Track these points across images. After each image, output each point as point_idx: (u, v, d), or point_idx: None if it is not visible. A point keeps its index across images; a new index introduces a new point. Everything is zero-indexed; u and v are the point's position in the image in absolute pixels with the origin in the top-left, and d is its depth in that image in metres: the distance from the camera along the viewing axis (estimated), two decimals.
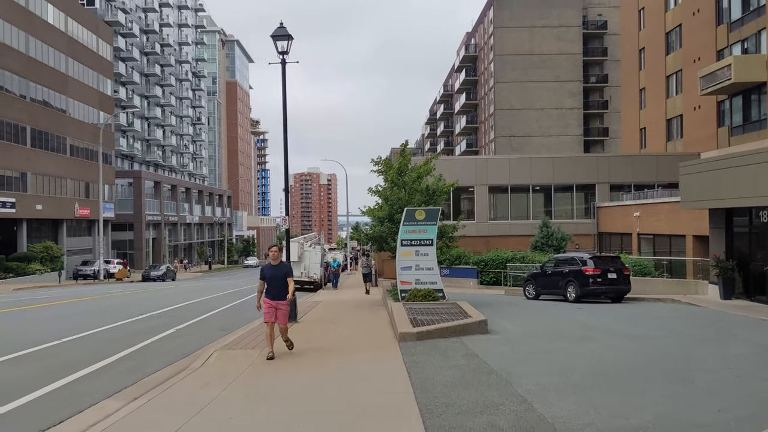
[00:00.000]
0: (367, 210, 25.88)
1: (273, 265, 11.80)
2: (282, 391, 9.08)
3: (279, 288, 11.66)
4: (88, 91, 62.75)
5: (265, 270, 11.81)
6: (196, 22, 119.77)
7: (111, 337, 15.65)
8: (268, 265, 11.87)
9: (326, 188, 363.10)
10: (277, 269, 11.73)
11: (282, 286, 11.67)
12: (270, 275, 11.71)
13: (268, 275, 11.71)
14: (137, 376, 10.80)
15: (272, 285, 11.67)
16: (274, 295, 11.67)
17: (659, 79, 48.19)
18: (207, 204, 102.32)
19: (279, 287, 11.65)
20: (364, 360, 11.29)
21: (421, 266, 19.85)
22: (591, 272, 23.85)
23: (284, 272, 11.74)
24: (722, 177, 21.93)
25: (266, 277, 11.72)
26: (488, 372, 9.63)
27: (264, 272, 11.79)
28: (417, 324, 13.85)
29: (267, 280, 11.71)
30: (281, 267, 11.81)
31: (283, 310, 11.77)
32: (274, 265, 11.80)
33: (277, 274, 11.67)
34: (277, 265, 11.78)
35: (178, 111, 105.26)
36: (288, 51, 17.38)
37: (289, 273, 11.81)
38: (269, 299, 11.68)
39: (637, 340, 13.34)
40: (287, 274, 11.76)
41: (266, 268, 11.86)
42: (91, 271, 54.27)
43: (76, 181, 59.61)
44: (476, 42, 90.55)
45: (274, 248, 12.04)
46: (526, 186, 45.22)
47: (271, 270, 11.75)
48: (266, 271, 11.79)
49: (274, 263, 11.80)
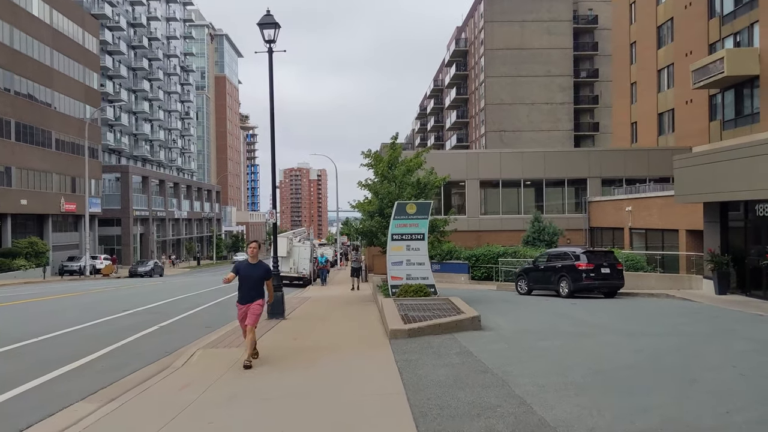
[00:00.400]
0: (357, 204, 25.42)
1: (250, 264, 10.60)
2: (267, 392, 8.62)
3: (253, 290, 10.49)
4: (73, 85, 61.87)
5: (241, 268, 10.57)
6: (185, 16, 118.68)
7: (92, 334, 15.14)
8: (245, 263, 10.65)
9: (316, 183, 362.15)
10: (253, 269, 10.54)
11: (257, 288, 10.50)
12: (245, 274, 10.50)
13: (242, 274, 10.52)
14: (116, 375, 10.32)
15: (246, 286, 10.48)
16: (246, 297, 10.49)
17: (651, 73, 47.91)
18: (195, 199, 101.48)
19: (253, 289, 10.48)
20: (354, 359, 10.83)
21: (412, 261, 19.41)
22: (584, 267, 23.49)
23: (261, 273, 10.55)
24: (718, 170, 21.59)
25: (240, 275, 10.54)
26: (483, 371, 9.19)
27: (239, 269, 10.56)
28: (408, 320, 13.41)
29: (240, 279, 10.54)
30: (259, 267, 10.60)
31: (254, 310, 10.46)
32: (251, 264, 10.61)
33: (253, 274, 10.49)
34: (254, 265, 10.59)
35: (167, 105, 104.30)
36: (275, 40, 16.87)
37: (267, 274, 10.63)
38: (241, 303, 10.54)
39: (634, 337, 12.96)
40: (265, 276, 10.60)
41: (242, 266, 10.61)
42: (77, 266, 53.55)
43: (62, 175, 58.78)
44: (466, 36, 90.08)
45: (253, 244, 10.78)
46: (518, 180, 44.88)
47: (247, 269, 10.53)
48: (242, 269, 10.56)
49: (252, 261, 10.63)
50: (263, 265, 10.70)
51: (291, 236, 41.95)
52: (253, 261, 10.64)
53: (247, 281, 10.48)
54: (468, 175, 44.01)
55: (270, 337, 13.57)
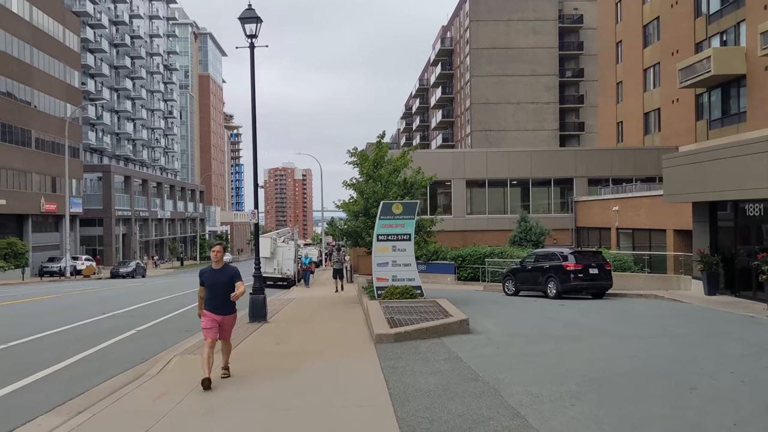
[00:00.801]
0: (342, 204, 24.97)
1: (214, 270, 9.50)
2: (246, 403, 8.14)
3: (223, 298, 9.38)
4: (54, 83, 60.92)
5: (205, 275, 9.56)
6: (168, 14, 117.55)
7: (67, 339, 14.61)
8: (209, 269, 9.58)
9: (301, 183, 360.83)
10: (218, 274, 9.45)
11: (226, 296, 9.36)
12: (211, 282, 9.45)
13: (208, 281, 9.49)
14: (87, 384, 9.82)
15: (214, 294, 9.42)
16: (217, 307, 9.42)
17: (636, 73, 47.76)
18: (179, 199, 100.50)
19: (223, 296, 9.38)
20: (338, 365, 10.37)
21: (398, 262, 18.97)
22: (572, 268, 23.18)
23: (228, 277, 9.43)
24: (707, 169, 21.32)
25: (206, 284, 9.53)
26: (474, 379, 8.77)
27: (203, 277, 9.56)
28: (394, 324, 12.98)
29: (207, 288, 9.51)
30: (225, 271, 9.49)
31: (228, 325, 9.62)
32: (215, 269, 9.50)
33: (219, 280, 9.40)
34: (219, 270, 9.48)
35: (149, 104, 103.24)
36: (257, 35, 16.37)
37: (235, 277, 9.49)
38: (210, 311, 9.41)
39: (626, 340, 12.62)
40: (233, 279, 9.46)
41: (206, 272, 9.58)
42: (57, 267, 52.66)
43: (42, 175, 57.81)
44: (452, 35, 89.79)
45: (216, 247, 9.58)
46: (504, 180, 44.59)
47: (212, 275, 9.48)
48: (206, 276, 9.54)
49: (216, 266, 9.51)
50: (229, 269, 9.58)
51: (275, 236, 41.35)
52: (218, 266, 9.52)
53: (214, 289, 9.43)
54: (454, 175, 43.65)
55: (251, 342, 13.09)
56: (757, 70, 33.19)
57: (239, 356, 11.34)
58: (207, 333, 9.35)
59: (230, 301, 9.40)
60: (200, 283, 9.58)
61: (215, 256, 9.53)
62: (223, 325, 9.49)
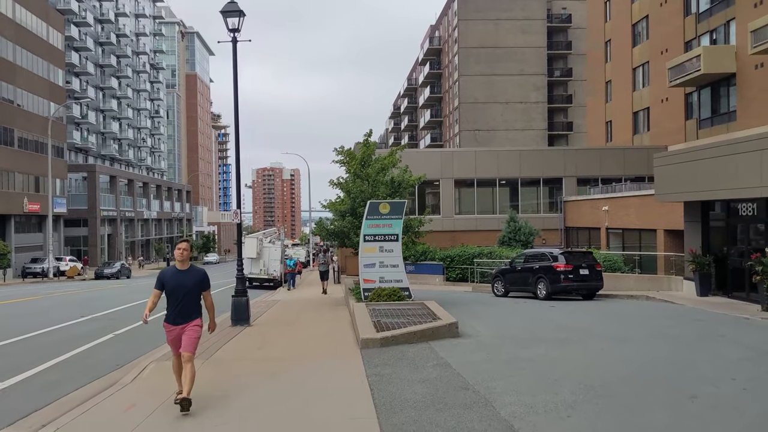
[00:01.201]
0: (329, 203, 24.52)
1: (179, 271, 7.89)
2: (222, 414, 7.65)
3: (187, 305, 7.83)
4: (37, 81, 60.02)
5: (167, 276, 7.91)
6: (154, 13, 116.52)
7: (42, 344, 14.08)
8: (172, 270, 7.96)
9: (289, 183, 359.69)
10: (184, 277, 7.84)
11: (192, 303, 7.87)
12: (174, 285, 7.80)
13: (170, 284, 7.82)
14: (56, 393, 9.30)
15: (176, 300, 7.80)
16: (180, 317, 7.83)
17: (625, 72, 47.52)
18: (165, 199, 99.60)
19: (187, 304, 7.82)
20: (322, 372, 9.89)
21: (386, 263, 18.51)
22: (562, 268, 22.80)
23: (196, 280, 7.88)
24: (699, 168, 20.99)
25: (167, 288, 7.85)
26: (464, 387, 8.32)
27: (164, 279, 7.90)
28: (381, 328, 12.52)
29: (169, 293, 7.83)
30: (191, 274, 7.91)
31: (190, 333, 7.86)
32: (181, 270, 7.90)
33: (184, 282, 7.81)
34: (185, 271, 7.90)
35: (136, 104, 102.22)
36: (239, 28, 15.88)
37: (203, 283, 7.95)
38: (172, 324, 7.89)
39: (621, 344, 12.21)
40: (201, 285, 7.94)
41: (169, 273, 7.95)
42: (40, 268, 51.81)
43: (25, 174, 56.90)
44: (440, 35, 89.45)
45: (182, 244, 7.92)
46: (493, 180, 44.23)
47: (176, 277, 7.83)
48: (168, 277, 7.88)
49: (181, 267, 7.91)
50: (197, 271, 8.03)
51: (261, 237, 40.83)
52: (183, 266, 7.93)
53: (177, 293, 7.81)
54: (443, 175, 43.24)
55: (232, 347, 12.60)
56: (747, 68, 32.98)
57: (218, 362, 10.88)
58: (172, 349, 8.15)
59: (197, 306, 7.92)
60: (157, 285, 7.92)
61: (180, 255, 7.85)
62: (184, 335, 7.84)
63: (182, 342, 7.84)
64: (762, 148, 17.98)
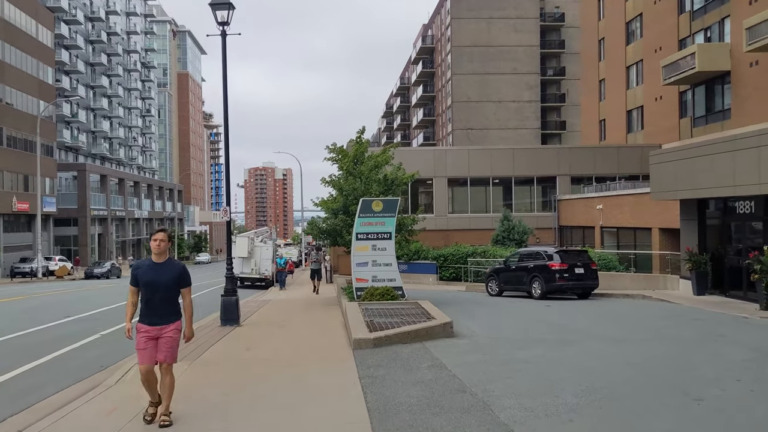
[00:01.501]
0: (321, 201, 24.16)
1: (156, 264, 6.95)
2: (207, 421, 7.29)
3: (164, 302, 6.93)
4: (26, 79, 59.39)
5: (141, 271, 6.98)
6: (145, 11, 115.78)
7: (24, 345, 13.70)
8: (148, 264, 7.00)
9: (282, 183, 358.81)
10: (161, 271, 6.92)
11: (169, 301, 6.97)
12: (149, 279, 6.88)
13: (145, 279, 6.90)
14: (35, 397, 8.93)
15: (153, 298, 6.89)
16: (156, 316, 6.90)
17: (619, 70, 47.32)
18: (157, 198, 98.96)
19: (164, 302, 6.93)
20: (313, 375, 9.52)
21: (379, 262, 18.18)
22: (557, 267, 22.52)
23: (174, 275, 6.96)
24: (696, 166, 20.72)
25: (141, 283, 6.94)
26: (461, 390, 7.98)
27: (138, 273, 6.99)
28: (374, 328, 12.17)
29: (144, 287, 6.92)
30: (169, 268, 6.99)
31: (169, 339, 6.96)
32: (157, 263, 6.96)
33: (160, 278, 6.88)
34: (162, 264, 6.96)
35: (127, 102, 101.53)
36: (229, 21, 15.50)
37: (182, 278, 7.04)
38: (146, 324, 6.91)
39: (619, 344, 11.92)
40: (180, 281, 7.02)
41: (143, 266, 7.02)
42: (29, 268, 51.23)
43: (14, 173, 56.28)
44: (433, 33, 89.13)
45: (159, 234, 6.99)
46: (486, 178, 43.95)
47: (151, 272, 6.91)
48: (142, 271, 6.96)
49: (157, 260, 6.97)
50: (176, 264, 7.12)
51: (252, 236, 40.45)
52: (160, 259, 6.98)
53: (153, 290, 6.88)
54: (436, 173, 42.92)
55: (220, 348, 12.22)
56: (742, 66, 32.81)
57: (205, 364, 10.52)
58: (140, 356, 6.89)
59: (175, 305, 7.01)
60: (132, 281, 7.01)
61: (157, 247, 6.90)
62: (163, 339, 6.91)
63: (160, 349, 6.91)
64: (760, 145, 17.73)
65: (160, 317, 6.94)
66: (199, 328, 15.01)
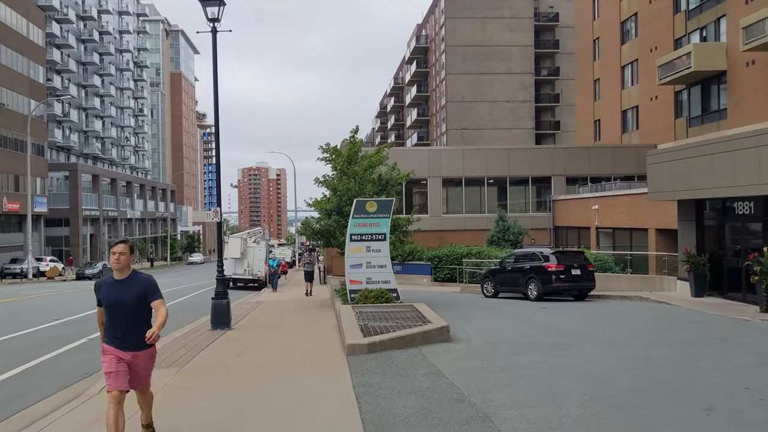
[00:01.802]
0: (314, 202, 23.79)
1: (117, 282, 6.07)
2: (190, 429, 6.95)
3: (131, 323, 6.04)
4: (17, 78, 58.83)
5: (103, 289, 6.12)
6: (138, 10, 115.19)
7: (10, 349, 13.40)
8: (108, 281, 6.14)
9: (275, 183, 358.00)
10: (123, 288, 6.04)
11: (140, 323, 6.07)
12: (112, 299, 6.03)
13: (107, 300, 6.05)
14: (17, 406, 8.61)
15: (118, 318, 6.03)
16: (126, 341, 6.05)
17: (614, 70, 47.09)
18: (149, 198, 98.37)
19: (134, 325, 6.05)
20: (304, 382, 9.17)
21: (373, 264, 17.86)
22: (554, 268, 22.22)
23: (138, 292, 6.05)
24: (694, 165, 20.45)
25: (104, 305, 6.12)
26: (459, 399, 7.66)
27: (100, 293, 6.15)
28: (369, 332, 11.84)
29: (107, 309, 6.10)
30: (133, 283, 6.08)
31: (147, 365, 6.31)
32: (119, 280, 6.07)
33: (124, 297, 6.00)
34: (124, 281, 6.06)
35: (119, 102, 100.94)
36: (219, 18, 15.15)
37: (149, 294, 6.08)
38: (114, 347, 6.08)
39: (620, 348, 11.61)
40: (146, 297, 6.07)
41: (104, 285, 6.15)
42: (19, 269, 50.72)
43: (4, 173, 55.70)
44: (427, 33, 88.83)
45: (118, 246, 6.08)
46: (481, 179, 43.64)
47: (113, 290, 6.05)
48: (104, 291, 6.10)
49: (119, 276, 6.08)
50: (140, 279, 6.14)
51: (245, 236, 40.05)
52: (122, 274, 6.09)
53: (118, 311, 6.04)
54: (430, 173, 42.58)
55: (210, 352, 11.87)
56: (738, 66, 32.58)
57: (193, 370, 10.16)
58: (111, 380, 6.03)
59: (147, 326, 6.09)
60: (98, 302, 6.26)
61: (117, 262, 6.02)
62: (136, 368, 6.16)
63: (136, 379, 6.21)
64: (760, 145, 17.47)
65: (130, 341, 6.05)
66: (188, 332, 14.68)
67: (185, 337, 13.70)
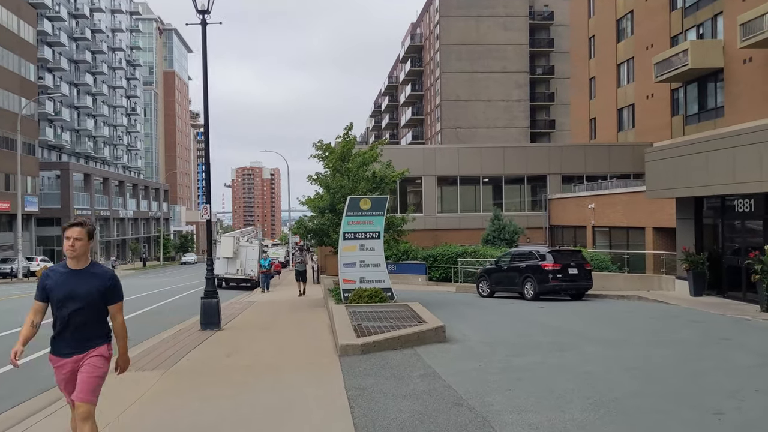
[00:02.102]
0: (307, 200, 23.40)
1: (71, 272, 5.10)
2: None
3: (83, 325, 5.09)
4: (7, 76, 58.27)
5: (52, 281, 5.09)
6: (131, 9, 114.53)
7: None
8: (61, 269, 5.16)
9: (269, 183, 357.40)
10: (80, 280, 5.06)
11: (91, 321, 5.12)
12: (64, 294, 5.03)
13: (58, 294, 5.05)
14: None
15: (69, 318, 5.05)
16: (72, 344, 5.11)
17: (610, 68, 46.83)
18: (142, 198, 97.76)
19: (83, 323, 5.08)
20: (295, 384, 8.80)
21: (367, 262, 17.49)
22: (550, 267, 21.90)
23: (98, 287, 5.09)
24: (693, 163, 20.13)
25: (53, 299, 5.10)
26: (457, 402, 7.29)
27: (48, 285, 5.11)
28: (362, 333, 11.47)
29: (57, 305, 5.08)
30: (91, 276, 5.11)
31: (89, 368, 5.12)
32: (75, 270, 5.11)
33: (79, 290, 5.03)
34: (81, 272, 5.11)
35: (111, 101, 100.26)
36: (209, 10, 14.77)
37: (111, 291, 5.16)
38: (60, 356, 5.18)
39: (620, 349, 11.27)
40: (107, 295, 5.14)
41: (54, 276, 5.12)
42: (8, 269, 50.16)
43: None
44: (421, 32, 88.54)
45: (73, 229, 5.05)
46: (476, 177, 43.31)
47: (67, 282, 5.06)
48: (54, 283, 5.08)
49: (74, 265, 5.11)
50: (100, 272, 5.20)
51: (238, 236, 39.67)
52: (79, 264, 5.13)
53: (67, 306, 5.06)
54: (425, 172, 42.23)
55: (198, 354, 11.49)
56: (735, 63, 32.35)
57: (179, 372, 9.77)
58: (66, 393, 5.30)
59: (102, 327, 5.21)
60: (39, 294, 5.18)
61: (71, 248, 5.04)
62: (81, 371, 5.12)
63: (81, 384, 5.08)
64: (761, 141, 17.15)
65: (78, 345, 5.10)
66: (177, 332, 14.30)
67: (173, 338, 13.32)
